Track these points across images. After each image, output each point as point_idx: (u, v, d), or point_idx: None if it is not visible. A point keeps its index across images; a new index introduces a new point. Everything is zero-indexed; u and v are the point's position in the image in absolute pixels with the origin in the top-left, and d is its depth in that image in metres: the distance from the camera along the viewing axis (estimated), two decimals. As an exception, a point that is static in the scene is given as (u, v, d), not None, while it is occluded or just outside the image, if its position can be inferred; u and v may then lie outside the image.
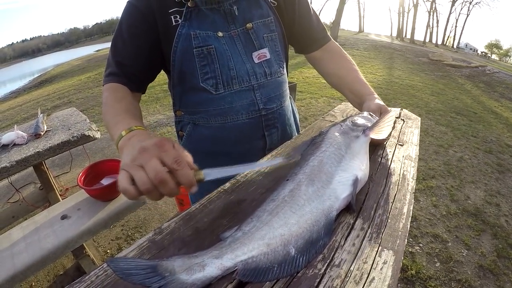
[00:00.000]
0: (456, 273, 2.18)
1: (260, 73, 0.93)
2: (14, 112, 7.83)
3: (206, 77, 0.88)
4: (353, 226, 0.54)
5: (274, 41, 0.97)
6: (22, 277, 1.44)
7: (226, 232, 0.51)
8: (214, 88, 0.89)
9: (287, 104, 1.06)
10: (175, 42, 0.85)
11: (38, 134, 2.07)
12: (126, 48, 0.87)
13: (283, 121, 1.03)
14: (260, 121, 0.96)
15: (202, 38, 0.85)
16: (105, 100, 0.85)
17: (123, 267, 0.41)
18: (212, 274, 0.42)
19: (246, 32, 0.91)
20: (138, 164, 0.53)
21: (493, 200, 3.13)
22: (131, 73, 0.88)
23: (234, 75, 0.89)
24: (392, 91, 7.48)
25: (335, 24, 17.35)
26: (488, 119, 6.15)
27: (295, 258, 0.45)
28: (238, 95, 0.91)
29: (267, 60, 0.95)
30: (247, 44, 0.92)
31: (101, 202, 1.83)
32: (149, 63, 0.91)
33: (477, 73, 12.30)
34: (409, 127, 1.04)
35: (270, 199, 0.55)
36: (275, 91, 0.98)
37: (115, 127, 0.72)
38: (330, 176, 0.59)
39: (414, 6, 40.72)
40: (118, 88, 0.87)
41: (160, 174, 0.51)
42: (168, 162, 0.53)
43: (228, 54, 0.88)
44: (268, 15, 0.95)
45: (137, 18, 0.85)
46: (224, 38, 0.88)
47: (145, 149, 0.55)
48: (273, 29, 0.96)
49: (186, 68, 0.88)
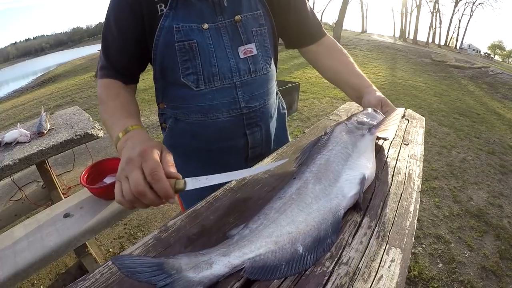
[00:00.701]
0: (458, 274, 2.17)
1: (244, 69, 0.89)
2: (17, 111, 7.85)
3: (187, 72, 0.85)
4: (360, 224, 0.54)
5: (263, 36, 0.93)
6: (24, 275, 1.44)
7: (233, 230, 0.51)
8: (195, 84, 0.86)
9: (271, 102, 1.02)
10: (156, 35, 0.82)
11: (41, 132, 2.07)
12: (114, 41, 0.85)
13: (266, 119, 1.00)
14: (241, 119, 0.93)
15: (185, 32, 0.82)
16: (100, 98, 0.86)
17: (129, 264, 0.41)
18: (220, 272, 0.42)
19: (234, 24, 0.87)
20: (124, 175, 0.56)
21: (496, 201, 3.12)
22: (121, 67, 0.88)
23: (215, 71, 0.86)
24: (395, 92, 7.46)
25: (338, 24, 17.33)
26: (491, 120, 6.13)
27: (303, 256, 0.45)
28: (219, 93, 0.88)
29: (253, 56, 0.91)
30: (234, 38, 0.88)
31: (103, 201, 1.83)
32: (138, 55, 0.88)
33: (480, 74, 12.27)
34: (413, 127, 1.03)
35: (277, 197, 0.55)
36: (258, 89, 0.94)
37: (112, 129, 0.74)
38: (337, 174, 0.58)
39: (417, 7, 40.65)
40: (111, 84, 0.87)
41: (138, 187, 0.53)
42: (146, 172, 0.55)
43: (211, 49, 0.85)
44: (257, 8, 0.91)
45: (123, 9, 0.81)
46: (209, 30, 0.84)
47: (130, 159, 0.57)
48: (262, 23, 0.92)
49: (167, 62, 0.85)
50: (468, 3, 47.65)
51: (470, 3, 47.78)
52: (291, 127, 4.70)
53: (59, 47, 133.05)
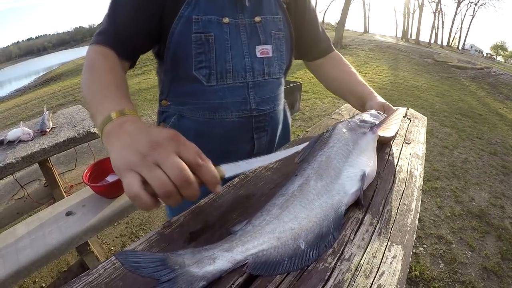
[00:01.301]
0: (460, 275, 2.17)
1: (259, 70, 0.87)
2: (19, 109, 7.88)
3: (200, 65, 0.81)
4: (362, 221, 0.54)
5: (280, 40, 0.92)
6: (26, 272, 1.45)
7: (236, 226, 0.51)
8: (206, 78, 0.82)
9: (280, 108, 1.00)
10: (174, 24, 0.77)
11: (44, 131, 2.08)
12: (127, 5, 0.76)
13: (274, 125, 0.98)
14: (250, 122, 0.90)
15: (203, 23, 0.78)
16: (90, 63, 0.71)
17: (132, 260, 0.41)
18: (223, 267, 0.42)
19: (253, 25, 0.85)
20: (152, 162, 0.45)
21: (498, 202, 3.11)
22: (126, 37, 0.77)
23: (229, 68, 0.83)
24: (397, 92, 7.46)
25: (340, 24, 17.31)
26: (493, 121, 6.12)
27: (305, 252, 0.45)
28: (230, 91, 0.85)
29: (268, 58, 0.89)
30: (252, 37, 0.86)
31: (106, 199, 1.84)
32: (148, 30, 0.80)
33: (482, 74, 12.25)
34: (415, 126, 1.04)
35: (279, 194, 0.55)
36: (270, 92, 0.92)
37: (101, 103, 0.60)
38: (338, 171, 0.59)
39: (420, 7, 40.58)
40: (108, 53, 0.74)
41: (184, 171, 0.44)
42: (190, 157, 0.47)
43: (227, 45, 0.82)
44: (277, 13, 0.90)
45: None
46: (229, 25, 0.81)
47: (159, 143, 0.46)
48: (281, 28, 0.91)
49: (181, 53, 0.81)
50: (470, 3, 47.63)
51: (472, 4, 47.76)
52: (293, 127, 4.70)
53: (62, 46, 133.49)
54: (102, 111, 0.57)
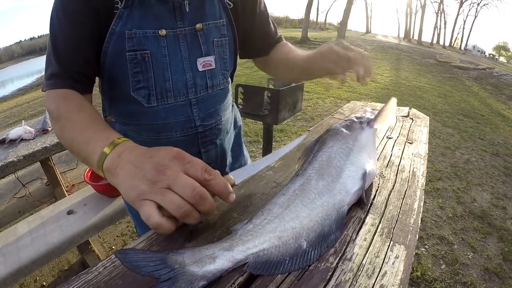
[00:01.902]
0: (461, 276, 2.16)
1: (201, 85, 0.82)
2: (21, 109, 7.90)
3: (138, 86, 0.75)
4: (364, 220, 0.54)
5: (223, 47, 0.85)
6: (27, 271, 1.45)
7: (237, 225, 0.51)
8: (146, 99, 0.76)
9: (227, 117, 0.96)
10: (106, 41, 0.70)
11: (46, 129, 2.08)
12: (67, 40, 0.69)
13: (222, 136, 0.94)
14: (196, 138, 0.86)
15: (138, 39, 0.71)
16: (56, 113, 0.67)
17: (132, 258, 0.41)
18: (223, 266, 0.42)
19: (194, 33, 0.78)
20: (163, 187, 0.45)
21: (500, 203, 3.10)
22: (76, 72, 0.72)
23: (169, 87, 0.77)
24: (399, 92, 7.45)
25: (342, 24, 17.33)
26: (495, 122, 6.11)
27: (307, 252, 0.45)
28: (172, 110, 0.80)
29: (211, 70, 0.83)
30: (193, 48, 0.79)
31: (107, 198, 1.84)
32: (96, 57, 0.73)
33: (485, 75, 12.22)
34: (418, 126, 1.03)
35: (280, 193, 0.54)
36: (215, 105, 0.87)
37: (88, 145, 0.58)
38: (339, 170, 0.58)
39: (422, 7, 40.54)
40: (69, 95, 0.70)
41: (197, 189, 0.44)
42: (197, 174, 0.46)
43: (166, 61, 0.75)
44: (221, 17, 0.83)
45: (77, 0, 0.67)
46: (166, 38, 0.74)
47: (165, 166, 0.46)
48: (224, 33, 0.84)
49: (116, 73, 0.74)
50: (473, 4, 47.56)
51: (475, 4, 47.69)
52: (295, 127, 4.70)
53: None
54: (92, 152, 0.55)
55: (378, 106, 1.20)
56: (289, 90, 2.37)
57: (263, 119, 2.41)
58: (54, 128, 0.68)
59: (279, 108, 2.30)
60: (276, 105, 2.29)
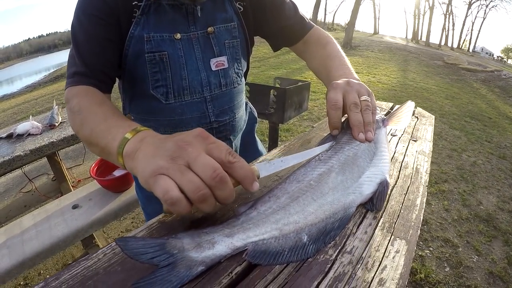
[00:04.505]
0: (465, 279, 2.14)
1: (215, 83, 0.87)
2: (29, 105, 7.98)
3: (157, 84, 0.81)
4: (365, 214, 0.53)
5: (235, 48, 0.90)
6: (31, 263, 1.46)
7: (242, 207, 0.51)
8: (165, 97, 0.83)
9: (240, 115, 1.00)
10: (126, 44, 0.76)
11: (53, 125, 2.11)
12: (90, 42, 0.74)
13: (235, 132, 0.99)
14: (211, 133, 0.83)
15: (156, 42, 0.77)
16: (77, 107, 0.68)
17: (131, 246, 0.41)
18: (222, 252, 0.42)
19: (206, 36, 0.84)
20: (183, 164, 0.42)
21: (506, 206, 3.07)
22: (101, 72, 0.76)
23: (186, 85, 0.83)
24: (406, 94, 7.40)
25: (350, 25, 17.25)
26: (502, 125, 6.04)
27: (306, 245, 0.45)
28: (189, 107, 0.86)
29: (224, 69, 0.88)
30: (206, 50, 0.84)
31: (112, 193, 1.85)
32: (118, 59, 0.79)
33: (493, 77, 12.09)
34: (423, 124, 1.03)
35: (295, 179, 0.54)
36: (228, 102, 0.93)
37: (109, 133, 0.56)
38: (361, 170, 0.58)
39: (430, 9, 40.25)
40: (92, 91, 0.73)
41: (218, 170, 0.41)
42: (221, 155, 0.43)
43: (182, 61, 0.81)
44: (232, 20, 0.88)
45: (97, 5, 0.72)
46: (181, 41, 0.80)
47: (187, 142, 0.44)
48: (236, 35, 0.89)
49: (137, 73, 0.81)
50: (481, 5, 47.11)
51: (483, 6, 47.24)
52: (301, 127, 4.70)
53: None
54: (113, 139, 0.54)
55: (383, 105, 1.19)
56: (295, 89, 2.37)
57: (269, 117, 2.42)
58: (73, 122, 0.68)
59: (285, 107, 2.31)
60: (282, 104, 2.30)
